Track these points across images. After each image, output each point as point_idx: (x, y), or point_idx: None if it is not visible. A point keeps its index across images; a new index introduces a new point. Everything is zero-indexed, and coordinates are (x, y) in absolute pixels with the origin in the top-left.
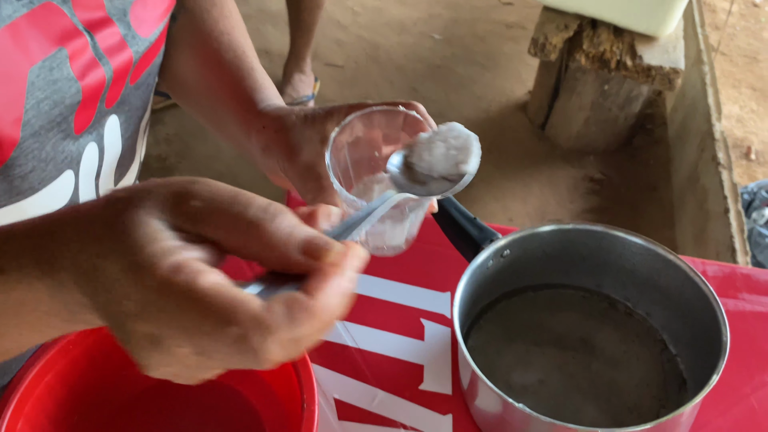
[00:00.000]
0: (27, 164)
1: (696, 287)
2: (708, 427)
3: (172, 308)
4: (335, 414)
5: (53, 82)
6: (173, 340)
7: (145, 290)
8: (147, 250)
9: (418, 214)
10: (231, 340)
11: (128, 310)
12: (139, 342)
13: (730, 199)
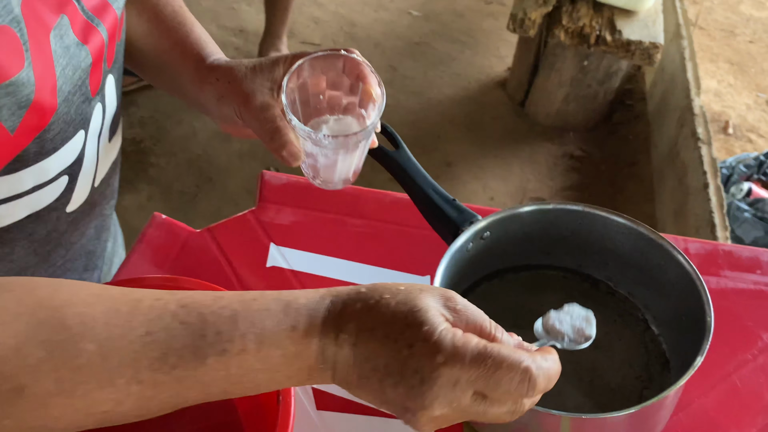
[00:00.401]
0: (57, 128)
1: (679, 266)
2: (692, 407)
3: (476, 356)
4: (314, 404)
5: (67, 49)
6: (470, 384)
7: (456, 339)
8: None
9: (365, 146)
10: (519, 375)
11: (437, 360)
12: (439, 385)
13: (710, 174)
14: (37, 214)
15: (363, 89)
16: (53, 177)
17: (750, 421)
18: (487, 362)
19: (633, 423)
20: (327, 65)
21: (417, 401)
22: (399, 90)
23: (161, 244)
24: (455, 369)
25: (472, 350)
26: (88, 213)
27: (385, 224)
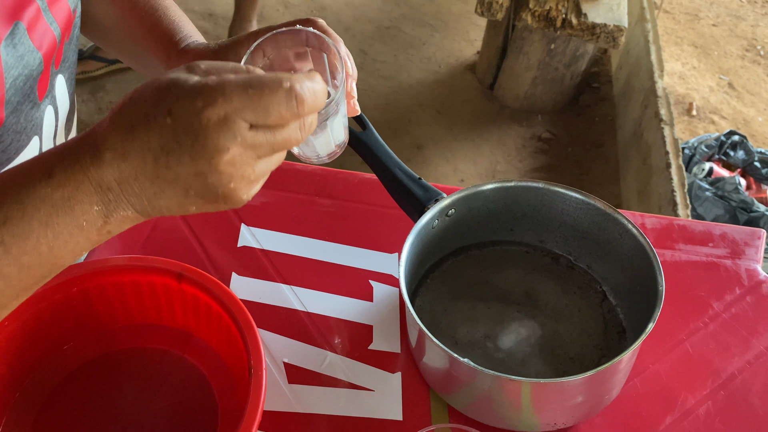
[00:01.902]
0: (7, 139)
1: (634, 239)
2: (646, 373)
3: (234, 87)
4: (285, 378)
5: (20, 58)
6: (238, 114)
7: (197, 85)
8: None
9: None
10: (284, 94)
11: (187, 107)
12: (212, 128)
13: (672, 155)
14: None
15: (328, 60)
16: None
17: (700, 385)
18: (248, 91)
19: (590, 386)
20: (290, 39)
21: (202, 158)
22: (369, 74)
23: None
24: (218, 106)
25: (229, 83)
26: None
27: (353, 204)
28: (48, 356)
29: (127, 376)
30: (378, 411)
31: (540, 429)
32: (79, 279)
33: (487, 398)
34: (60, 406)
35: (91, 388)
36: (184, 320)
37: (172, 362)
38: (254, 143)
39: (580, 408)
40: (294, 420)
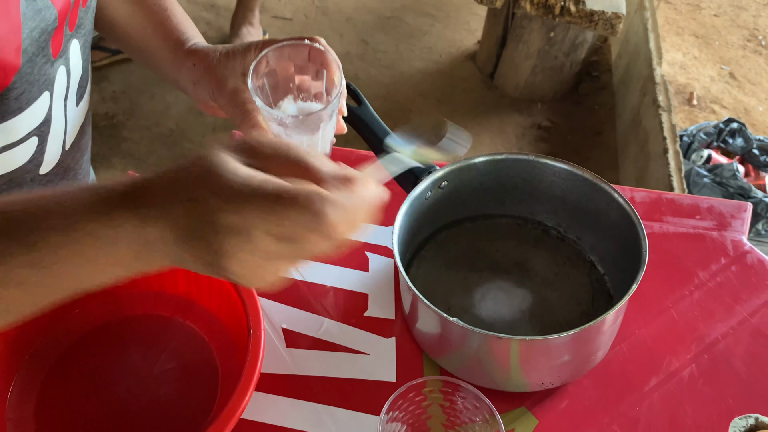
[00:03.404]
0: (21, 87)
1: (620, 207)
2: (633, 338)
3: (252, 197)
4: (283, 342)
5: (39, 11)
6: (254, 225)
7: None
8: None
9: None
10: (299, 209)
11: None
12: (224, 233)
13: (669, 140)
14: (10, 175)
15: (327, 76)
16: (22, 137)
17: (685, 349)
18: (260, 202)
19: (575, 345)
20: (294, 53)
21: (212, 254)
22: (371, 64)
23: None
24: (230, 214)
25: (249, 189)
26: (62, 176)
27: None
28: (56, 321)
29: (132, 341)
30: (373, 373)
31: (529, 389)
32: None
33: (478, 359)
34: (68, 369)
35: (97, 352)
36: (187, 288)
37: (175, 328)
38: (280, 253)
39: (567, 368)
40: (292, 381)
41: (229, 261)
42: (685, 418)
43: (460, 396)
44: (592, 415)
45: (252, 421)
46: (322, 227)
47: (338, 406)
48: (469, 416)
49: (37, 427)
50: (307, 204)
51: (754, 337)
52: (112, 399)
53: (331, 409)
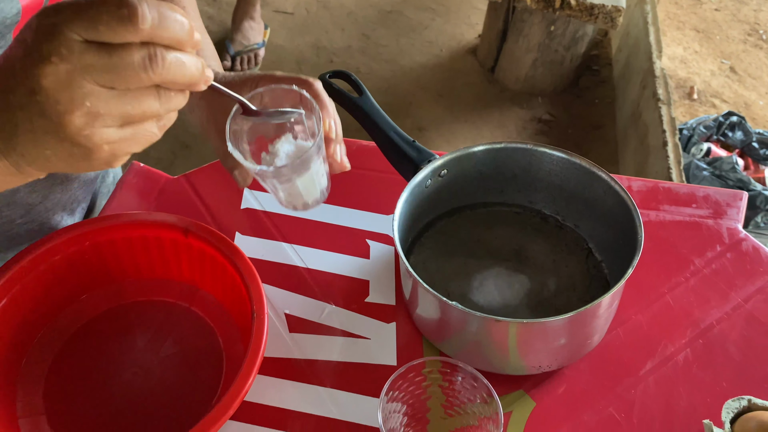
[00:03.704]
0: None
1: (617, 195)
2: (629, 323)
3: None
4: (286, 327)
5: None
6: (67, 24)
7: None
8: None
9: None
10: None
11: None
12: (39, 35)
13: (669, 133)
14: None
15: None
16: None
17: (680, 334)
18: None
19: (571, 329)
20: (286, 95)
21: (28, 69)
22: (372, 58)
23: (140, 190)
24: (50, 15)
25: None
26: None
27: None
28: (64, 306)
29: (137, 326)
30: (373, 357)
31: (526, 372)
32: (91, 234)
33: (476, 343)
34: (75, 353)
35: (104, 337)
36: (191, 274)
37: (180, 314)
38: (87, 63)
39: (564, 351)
40: (295, 365)
41: (41, 69)
42: (680, 400)
43: (458, 376)
44: (589, 397)
45: (256, 403)
46: (127, 14)
47: (340, 389)
48: (467, 396)
49: (46, 409)
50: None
51: (748, 323)
52: (118, 382)
53: (333, 392)
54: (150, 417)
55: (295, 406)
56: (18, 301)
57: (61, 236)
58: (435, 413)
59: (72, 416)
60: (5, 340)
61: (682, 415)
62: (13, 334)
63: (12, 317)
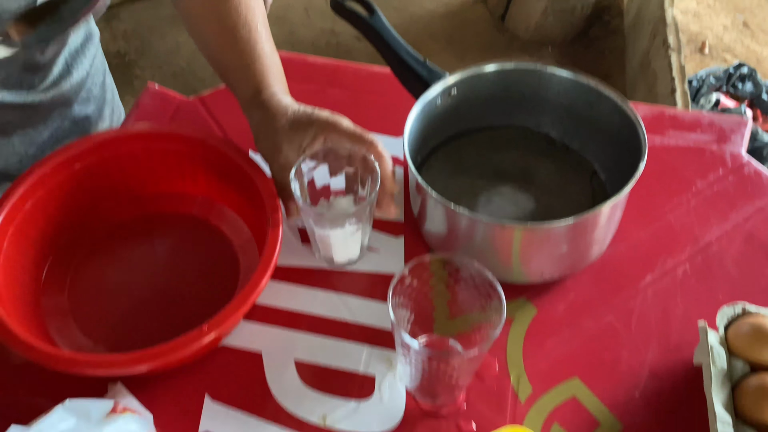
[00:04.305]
0: None
1: (622, 113)
2: (630, 239)
3: None
4: (299, 239)
5: None
6: None
7: None
8: None
9: (353, 228)
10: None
11: None
12: None
13: (678, 80)
14: None
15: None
16: None
17: (680, 250)
18: None
19: (573, 235)
20: (348, 152)
21: None
22: (381, 5)
23: (155, 111)
24: None
25: None
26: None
27: (363, 95)
28: (86, 214)
29: (156, 236)
30: (382, 267)
31: (529, 280)
32: (111, 143)
33: (482, 251)
34: (98, 257)
35: (125, 245)
36: (208, 188)
37: (197, 225)
38: None
39: (566, 260)
40: (308, 273)
41: None
42: (677, 310)
43: (464, 271)
44: (589, 306)
45: (270, 306)
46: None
47: (351, 294)
48: (471, 293)
49: (72, 309)
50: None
51: (747, 240)
52: (138, 287)
53: (345, 297)
54: (168, 316)
55: (308, 309)
56: (42, 204)
57: (81, 145)
58: (440, 312)
59: (96, 316)
60: (30, 240)
61: (679, 323)
62: (38, 235)
63: (37, 220)
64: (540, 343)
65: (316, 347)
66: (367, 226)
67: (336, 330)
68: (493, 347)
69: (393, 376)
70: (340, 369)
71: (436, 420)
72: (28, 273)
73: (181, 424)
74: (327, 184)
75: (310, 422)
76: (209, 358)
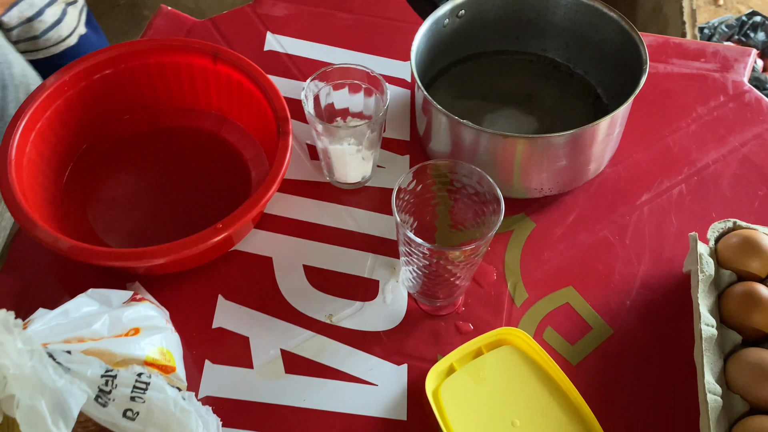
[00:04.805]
0: None
1: (626, 34)
2: (629, 160)
3: None
4: (307, 155)
5: None
6: None
7: None
8: None
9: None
10: None
11: None
12: None
13: (688, 24)
14: None
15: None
16: None
17: (677, 172)
18: None
19: (573, 148)
20: (354, 71)
21: None
22: None
23: (168, 32)
24: None
25: None
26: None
27: (371, 18)
28: (103, 125)
29: (170, 148)
30: (388, 183)
31: (529, 195)
32: (126, 56)
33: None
34: (114, 167)
35: (140, 155)
36: (219, 104)
37: (210, 139)
38: None
39: (564, 174)
40: (315, 186)
41: None
42: (671, 226)
43: (465, 176)
44: (586, 221)
45: (282, 216)
46: None
47: (357, 207)
48: (472, 198)
49: (89, 215)
50: None
51: (742, 163)
52: (152, 197)
53: (351, 210)
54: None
55: (316, 220)
56: (61, 113)
57: (97, 57)
58: (442, 221)
59: (112, 224)
60: (51, 148)
61: (672, 238)
62: (57, 141)
63: (56, 127)
64: (537, 254)
65: (323, 254)
66: (377, 144)
67: (342, 239)
68: (492, 257)
69: (396, 280)
70: (346, 273)
71: (436, 320)
72: (49, 178)
73: (195, 320)
74: (346, 107)
75: (317, 319)
76: (222, 262)
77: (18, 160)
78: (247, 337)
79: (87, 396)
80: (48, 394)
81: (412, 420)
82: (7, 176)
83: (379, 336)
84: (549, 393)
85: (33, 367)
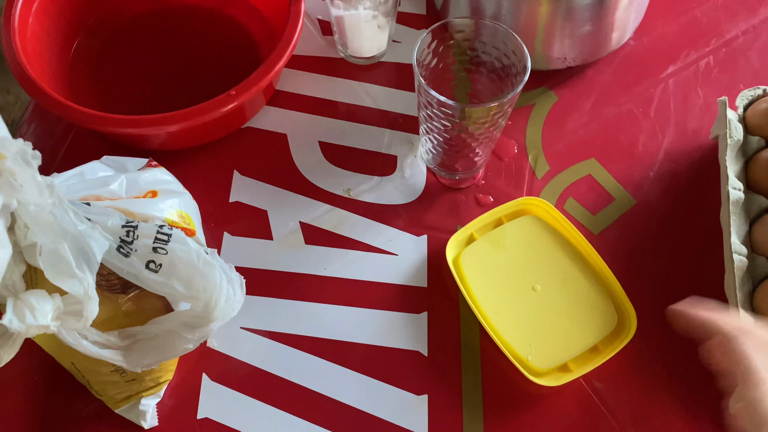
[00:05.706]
0: None
1: None
2: (654, 32)
3: None
4: (319, 30)
5: None
6: None
7: None
8: None
9: (362, 20)
10: None
11: None
12: None
13: None
14: None
15: None
16: None
17: (705, 44)
18: None
19: (596, 12)
20: None
21: None
22: None
23: None
24: None
25: None
26: None
27: None
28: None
29: (178, 26)
30: (404, 59)
31: (551, 65)
32: None
33: None
34: (122, 43)
35: (147, 33)
36: None
37: (219, 18)
38: None
39: (587, 42)
40: (328, 62)
41: None
42: (697, 99)
43: (487, 32)
44: (609, 94)
45: (295, 93)
46: None
47: (372, 83)
48: (489, 74)
49: (96, 91)
50: None
51: None
52: (160, 73)
53: (367, 86)
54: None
55: (330, 96)
56: None
57: None
58: (461, 91)
59: (120, 101)
60: (54, 22)
61: (698, 110)
62: (60, 15)
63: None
64: (559, 127)
65: (338, 130)
66: (393, 12)
67: (358, 116)
68: (513, 131)
69: (415, 156)
70: (362, 149)
71: (455, 193)
72: (54, 54)
73: (211, 195)
74: None
75: (335, 194)
76: (236, 138)
77: (21, 32)
78: (266, 210)
79: (109, 244)
80: (70, 239)
81: (432, 287)
82: (12, 47)
83: (397, 209)
84: (570, 259)
85: (52, 212)
